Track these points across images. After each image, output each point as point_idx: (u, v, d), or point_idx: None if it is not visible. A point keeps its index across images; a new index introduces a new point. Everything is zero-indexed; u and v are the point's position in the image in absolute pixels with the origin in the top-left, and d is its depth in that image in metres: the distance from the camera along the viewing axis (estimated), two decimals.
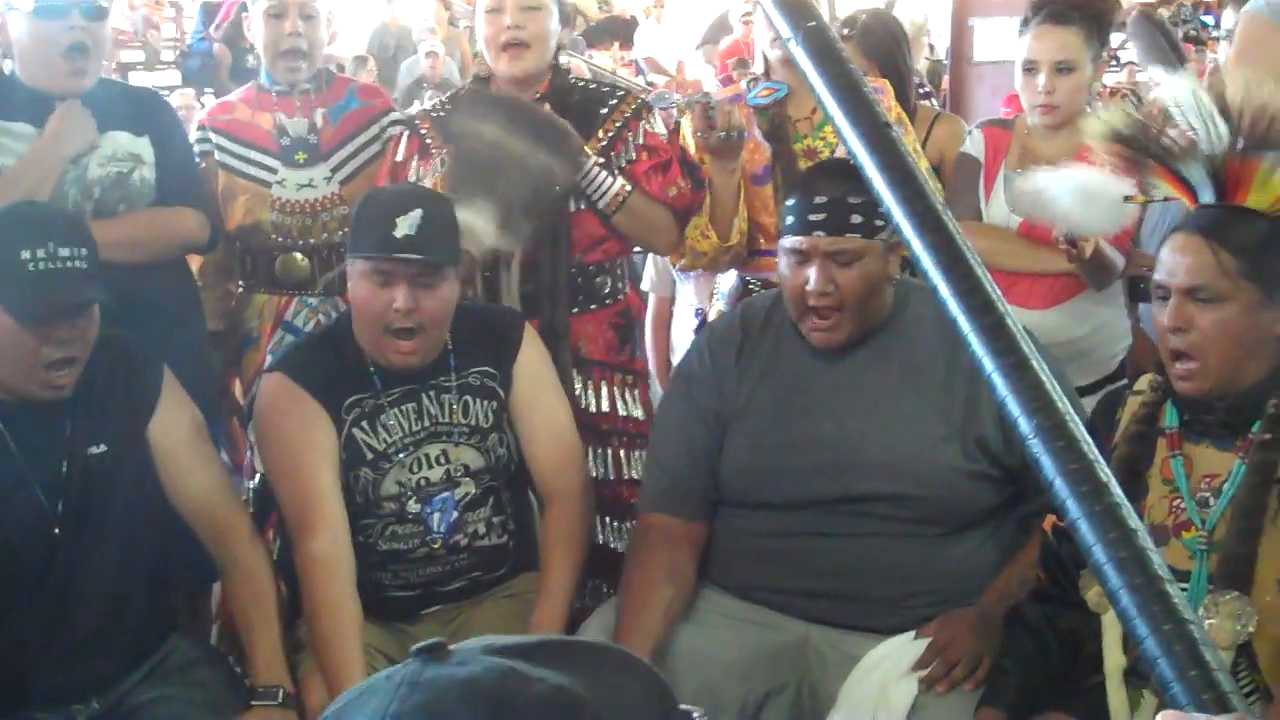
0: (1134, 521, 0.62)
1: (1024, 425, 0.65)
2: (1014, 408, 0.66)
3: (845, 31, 3.72)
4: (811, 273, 2.39)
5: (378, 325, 2.52)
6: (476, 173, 2.83)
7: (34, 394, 2.31)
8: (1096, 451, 0.64)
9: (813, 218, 2.39)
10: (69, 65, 2.89)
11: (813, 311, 2.42)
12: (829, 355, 2.47)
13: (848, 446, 2.41)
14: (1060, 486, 0.62)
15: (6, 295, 2.25)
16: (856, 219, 2.37)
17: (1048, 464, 0.63)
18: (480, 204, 2.79)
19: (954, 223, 0.71)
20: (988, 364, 0.67)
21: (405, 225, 2.45)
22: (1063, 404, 0.66)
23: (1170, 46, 3.69)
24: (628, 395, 3.09)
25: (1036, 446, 0.64)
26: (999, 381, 0.66)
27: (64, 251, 2.27)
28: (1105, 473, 0.64)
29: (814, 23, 0.77)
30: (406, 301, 2.47)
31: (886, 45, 3.78)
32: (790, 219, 2.44)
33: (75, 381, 2.34)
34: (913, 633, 2.35)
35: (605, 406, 3.06)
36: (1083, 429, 0.66)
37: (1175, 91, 2.14)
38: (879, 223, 2.38)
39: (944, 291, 0.68)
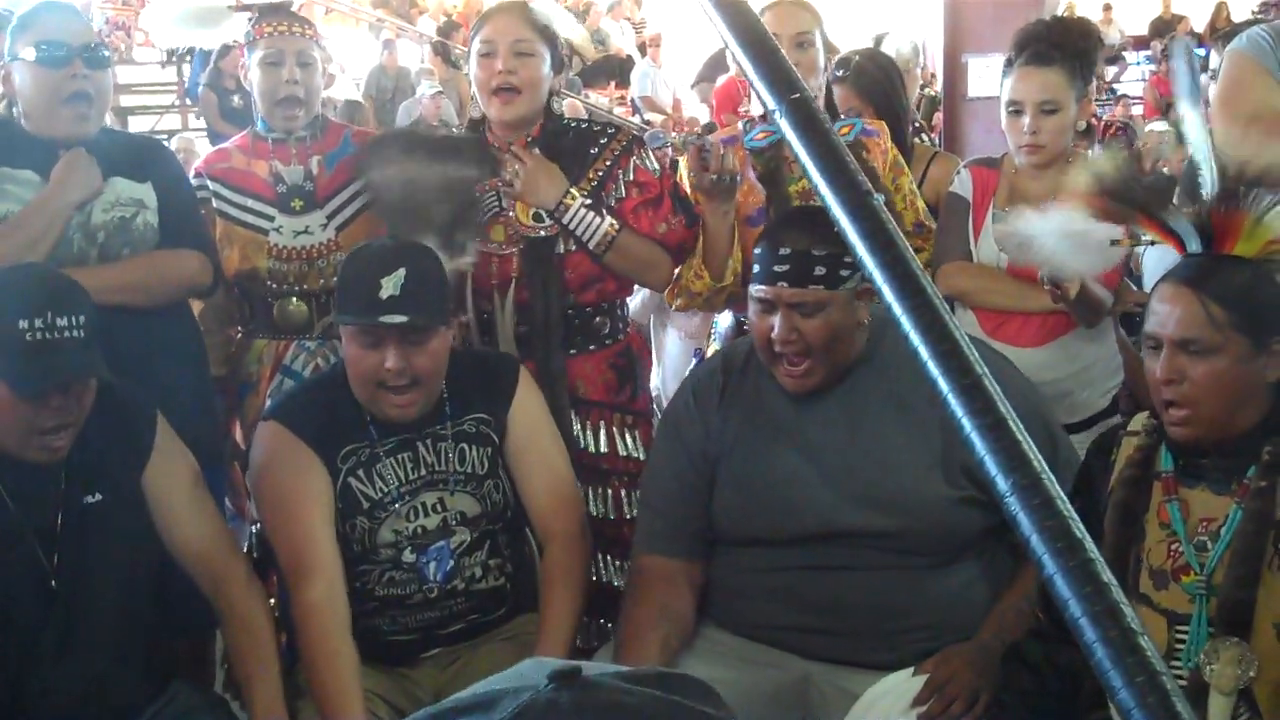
0: (1108, 576, 0.64)
1: (1001, 483, 0.67)
2: (991, 466, 0.68)
3: (840, 73, 3.75)
4: (776, 321, 2.43)
5: (371, 383, 2.53)
6: (401, 214, 2.83)
7: (29, 457, 2.31)
8: (1071, 508, 0.66)
9: (777, 269, 2.43)
10: (72, 112, 2.92)
11: (781, 359, 2.46)
12: (807, 397, 2.50)
13: (832, 483, 2.44)
14: (1036, 543, 0.64)
15: (3, 366, 2.25)
16: (819, 270, 2.40)
17: (1024, 521, 0.65)
18: (421, 240, 2.82)
19: (933, 287, 0.74)
20: (966, 424, 0.69)
21: (390, 285, 2.46)
22: (1038, 461, 0.68)
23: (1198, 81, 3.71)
24: (628, 435, 3.10)
25: (1013, 504, 0.66)
26: (977, 440, 0.68)
27: (62, 321, 2.26)
28: (1080, 529, 0.66)
29: (798, 94, 0.80)
30: (397, 362, 2.49)
31: (881, 85, 3.80)
32: (756, 267, 2.49)
33: (70, 442, 2.34)
34: (911, 669, 2.36)
35: (604, 447, 3.08)
36: (1057, 486, 0.68)
37: (1192, 130, 2.16)
38: (844, 273, 2.41)
39: (923, 354, 0.71)
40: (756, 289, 2.48)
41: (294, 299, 3.23)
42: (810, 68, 3.13)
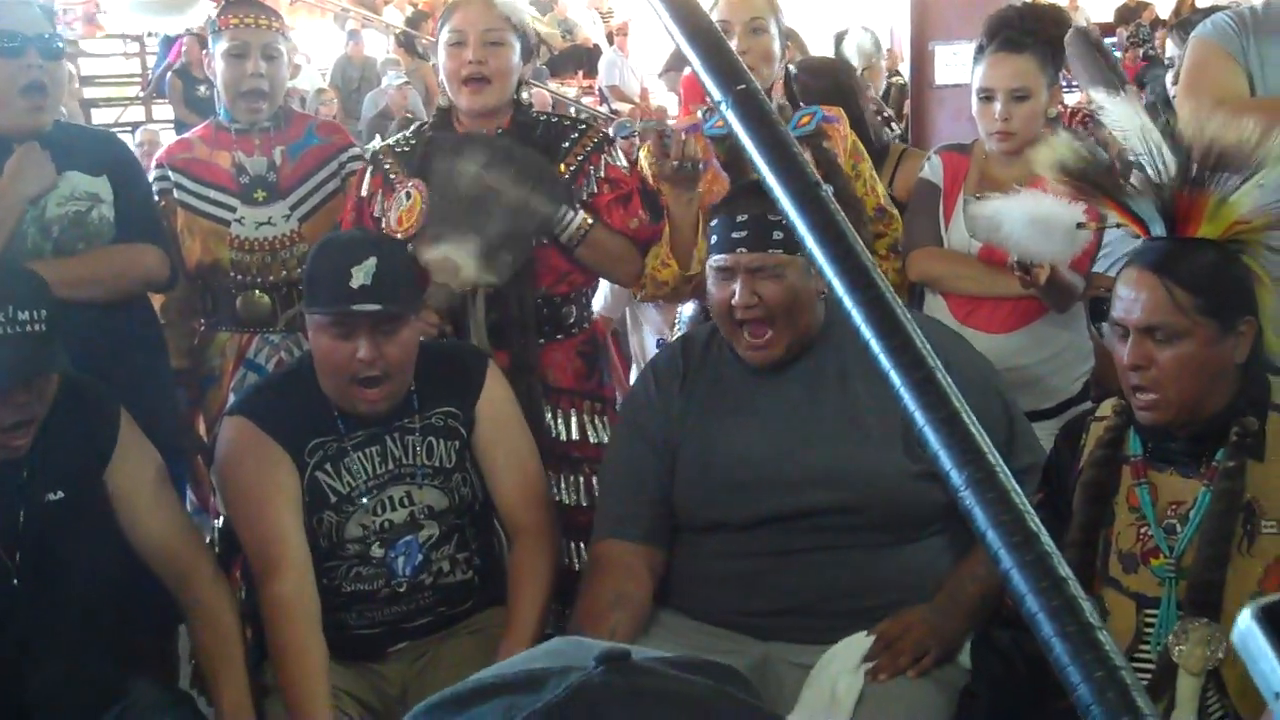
0: (1065, 570, 0.63)
1: (955, 478, 0.66)
2: (946, 461, 0.67)
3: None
4: (736, 287, 2.43)
5: (342, 376, 2.51)
6: (459, 208, 2.85)
7: None
8: (1026, 502, 0.65)
9: (735, 235, 2.44)
10: (27, 103, 2.89)
11: (743, 328, 2.46)
12: (768, 373, 2.50)
13: (794, 461, 2.44)
14: (992, 538, 0.64)
15: None
16: (778, 234, 2.42)
17: (979, 516, 0.65)
18: (461, 238, 2.81)
19: (883, 280, 0.73)
20: (919, 418, 0.68)
21: (361, 275, 2.45)
22: (992, 455, 0.67)
23: (1109, 67, 3.69)
24: (597, 422, 3.10)
25: (968, 499, 0.65)
26: (930, 435, 0.67)
27: (23, 315, 2.24)
28: (1035, 523, 0.65)
29: (743, 86, 0.79)
30: (369, 352, 2.47)
31: (830, 93, 3.74)
32: (714, 238, 2.50)
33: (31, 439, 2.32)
34: (864, 631, 2.36)
35: (575, 435, 3.07)
36: (1013, 480, 0.67)
37: (1119, 117, 2.16)
38: None
39: (875, 347, 0.70)
40: (715, 259, 2.49)
41: (257, 291, 3.21)
42: (764, 55, 3.12)
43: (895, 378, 0.67)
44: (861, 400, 2.45)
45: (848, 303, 0.69)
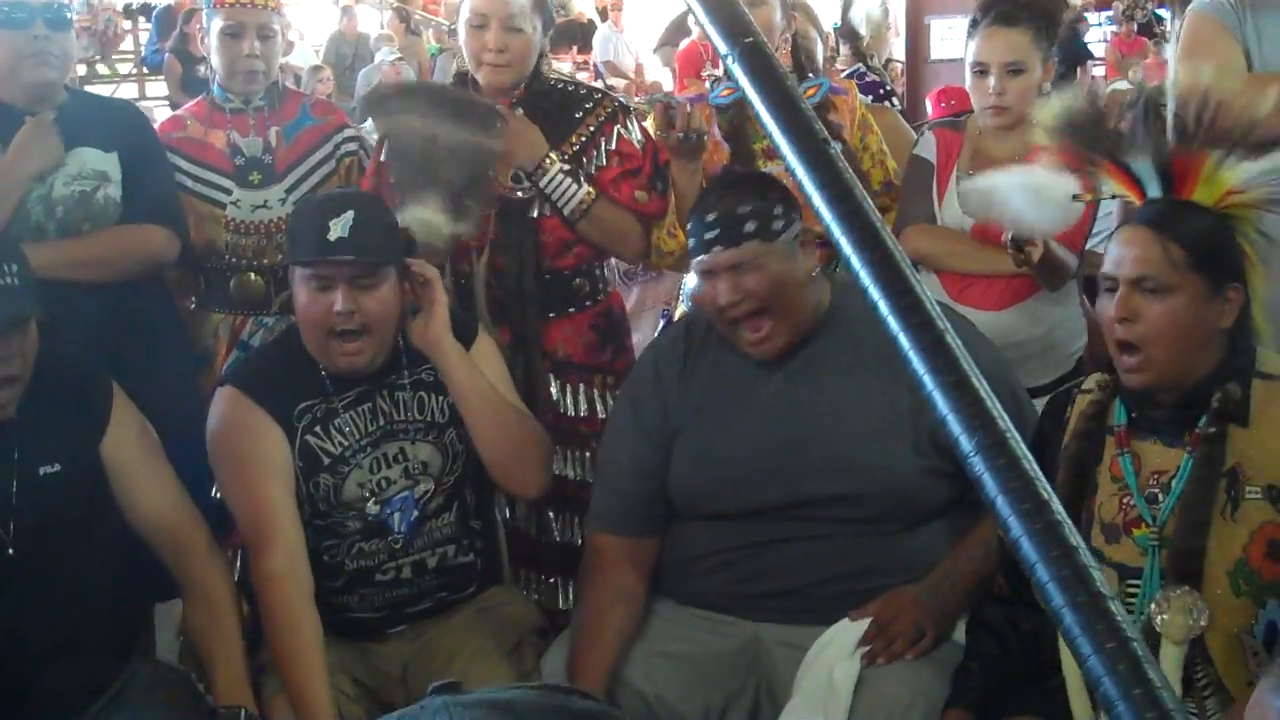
0: (1075, 539, 0.62)
1: (964, 443, 0.65)
2: (954, 426, 0.65)
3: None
4: (720, 286, 2.40)
5: (321, 329, 2.51)
6: (415, 166, 2.84)
7: None
8: (1038, 468, 0.64)
9: (708, 236, 2.42)
10: (34, 74, 2.86)
11: (739, 325, 2.43)
12: (770, 362, 2.48)
13: (796, 450, 2.42)
14: (1001, 505, 0.62)
15: None
16: (750, 226, 2.39)
17: (989, 482, 0.63)
18: (427, 196, 2.79)
19: (893, 239, 0.71)
20: (927, 381, 0.66)
21: (338, 228, 2.46)
22: (1003, 421, 0.66)
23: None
24: (608, 396, 3.08)
25: (977, 465, 0.64)
26: (939, 399, 0.66)
27: None
28: (1046, 490, 0.63)
29: (750, 39, 0.77)
30: (346, 303, 2.47)
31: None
32: (691, 241, 2.48)
33: (18, 401, 2.31)
34: (857, 612, 2.36)
35: (584, 410, 3.06)
36: (1023, 446, 0.66)
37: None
38: (777, 224, 2.40)
39: (883, 308, 0.68)
40: (695, 262, 2.47)
41: (251, 274, 3.19)
42: (764, 25, 3.10)
43: (903, 340, 0.66)
44: (867, 393, 2.42)
45: (855, 262, 0.68)
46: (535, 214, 2.98)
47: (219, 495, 2.71)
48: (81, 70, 12.68)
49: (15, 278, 2.27)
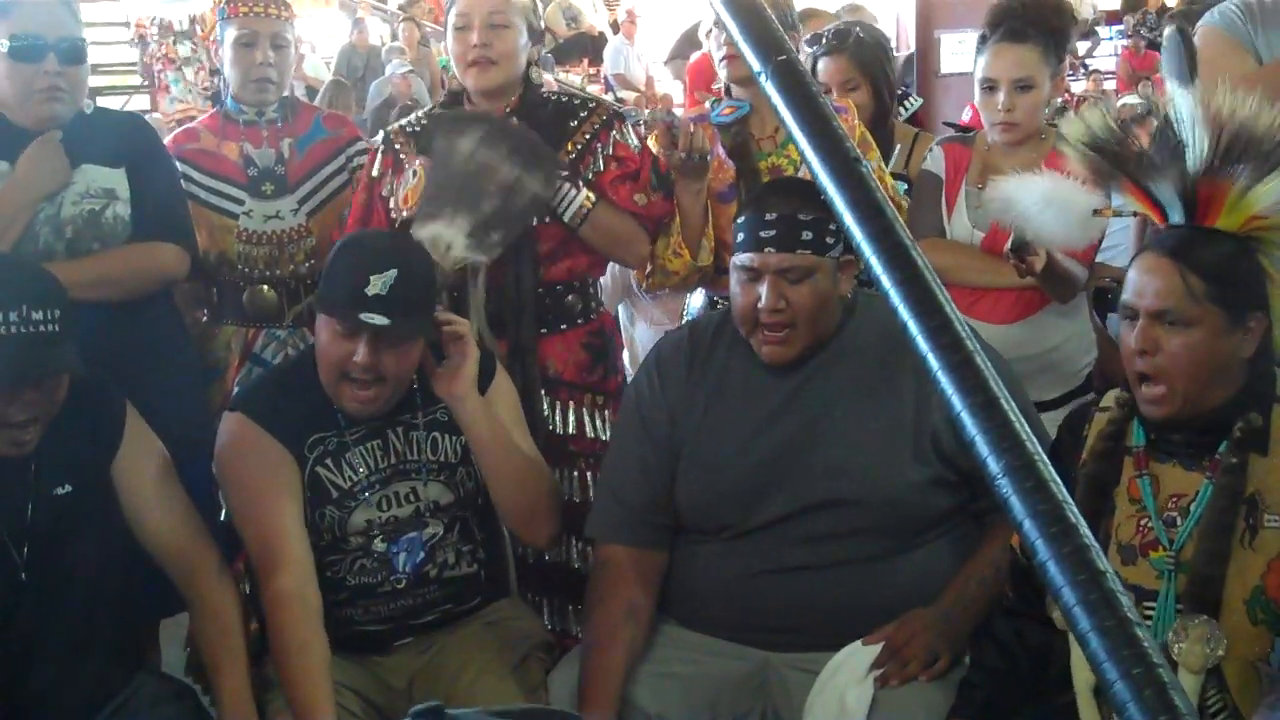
0: (1104, 564, 0.61)
1: (993, 465, 0.64)
2: (983, 446, 0.65)
3: (835, 44, 3.68)
4: (763, 290, 2.38)
5: (336, 371, 2.47)
6: (451, 184, 2.82)
7: None
8: (1066, 492, 0.63)
9: (764, 234, 2.39)
10: (42, 109, 2.84)
11: (764, 327, 2.41)
12: (778, 370, 2.46)
13: (800, 457, 2.40)
14: (1029, 528, 0.62)
15: None
16: (807, 235, 2.37)
17: (1017, 505, 0.63)
18: (453, 216, 2.78)
19: (923, 258, 0.71)
20: (956, 402, 0.66)
21: (379, 284, 2.39)
22: (1031, 443, 0.65)
23: (1191, 66, 3.68)
24: (597, 417, 3.07)
25: (1005, 487, 0.63)
26: (968, 420, 0.65)
27: (37, 315, 2.22)
28: (1074, 513, 0.63)
29: (784, 57, 0.77)
30: (366, 358, 2.42)
31: (878, 58, 3.74)
32: (741, 235, 2.44)
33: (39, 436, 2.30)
34: (864, 640, 2.34)
35: (573, 428, 3.04)
36: (1051, 469, 0.65)
37: (1181, 104, 2.13)
38: (830, 240, 2.39)
39: (913, 328, 0.67)
40: (741, 257, 2.43)
41: (264, 286, 3.18)
42: None
43: (932, 360, 0.65)
44: (872, 399, 2.41)
45: (885, 282, 0.67)
46: (534, 222, 2.97)
47: (226, 518, 2.70)
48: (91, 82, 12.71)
49: (56, 324, 2.24)
